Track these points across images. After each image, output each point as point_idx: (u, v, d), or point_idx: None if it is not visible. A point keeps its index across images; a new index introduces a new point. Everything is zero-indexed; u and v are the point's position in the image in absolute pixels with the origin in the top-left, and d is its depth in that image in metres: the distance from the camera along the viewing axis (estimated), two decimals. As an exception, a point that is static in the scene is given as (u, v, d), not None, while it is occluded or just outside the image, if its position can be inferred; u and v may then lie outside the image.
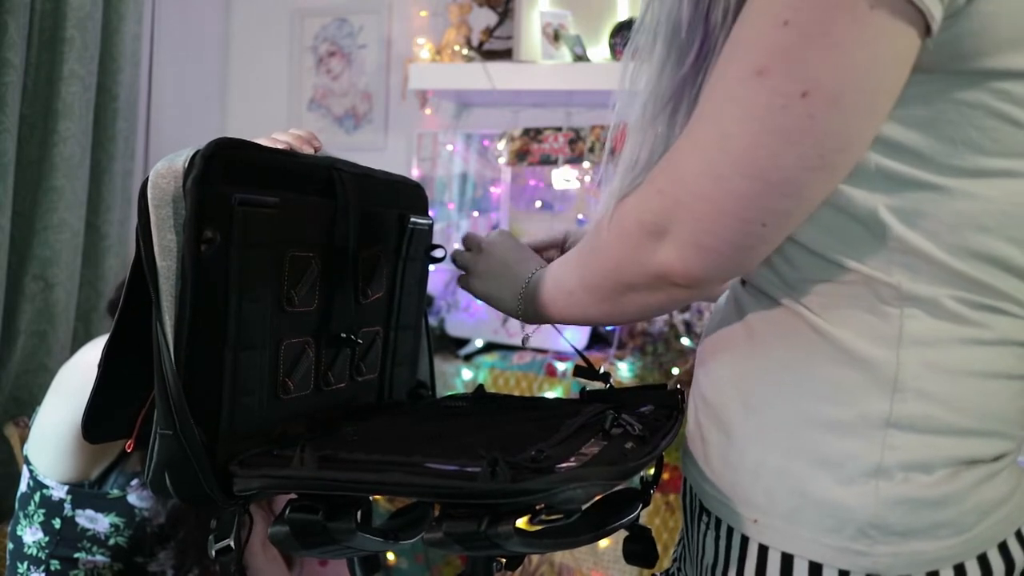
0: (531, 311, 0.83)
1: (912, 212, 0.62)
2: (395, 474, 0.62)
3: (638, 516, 0.67)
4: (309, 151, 0.82)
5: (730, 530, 0.69)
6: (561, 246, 0.98)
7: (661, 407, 0.84)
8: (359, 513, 0.64)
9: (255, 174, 0.70)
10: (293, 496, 0.65)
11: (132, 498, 1.34)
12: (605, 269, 0.71)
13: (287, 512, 0.63)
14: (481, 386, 0.98)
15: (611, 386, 0.93)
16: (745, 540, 0.68)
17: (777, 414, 0.67)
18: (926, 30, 0.56)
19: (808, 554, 0.65)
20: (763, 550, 0.67)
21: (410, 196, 0.93)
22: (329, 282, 0.79)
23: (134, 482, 1.35)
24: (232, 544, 0.66)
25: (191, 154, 0.66)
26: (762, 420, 0.68)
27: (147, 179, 0.66)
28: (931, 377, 0.63)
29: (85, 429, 0.73)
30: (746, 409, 0.69)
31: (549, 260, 0.91)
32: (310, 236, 0.76)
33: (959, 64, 0.58)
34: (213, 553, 0.67)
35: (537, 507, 0.61)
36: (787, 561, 0.66)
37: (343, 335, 0.81)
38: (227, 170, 0.67)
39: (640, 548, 0.72)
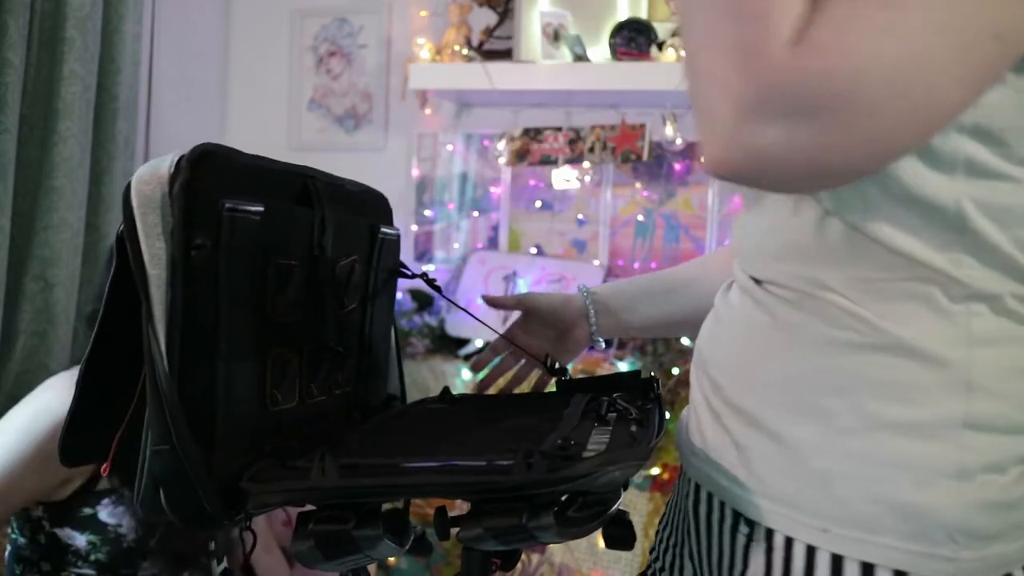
0: None
1: (991, 205, 0.61)
2: (427, 475, 0.61)
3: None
4: None
5: (789, 541, 0.66)
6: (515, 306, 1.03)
7: (634, 391, 0.84)
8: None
9: (238, 180, 0.69)
10: (308, 509, 0.63)
11: (103, 515, 1.35)
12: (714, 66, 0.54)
13: (311, 525, 0.62)
14: (447, 388, 0.97)
15: (569, 377, 0.94)
16: (812, 551, 0.65)
17: (841, 419, 0.64)
18: None
19: (891, 563, 0.62)
20: (837, 560, 0.64)
21: (376, 206, 0.92)
22: (312, 292, 0.78)
23: (104, 500, 1.36)
24: (228, 566, 0.65)
25: (175, 159, 0.64)
26: (823, 425, 0.65)
27: (129, 186, 0.64)
28: (1001, 376, 0.62)
29: (62, 451, 0.71)
30: (799, 414, 0.66)
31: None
32: (292, 245, 0.76)
33: None
34: None
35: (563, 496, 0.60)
36: (867, 571, 0.63)
37: (330, 345, 0.80)
38: (213, 175, 0.66)
39: (620, 532, 0.72)
